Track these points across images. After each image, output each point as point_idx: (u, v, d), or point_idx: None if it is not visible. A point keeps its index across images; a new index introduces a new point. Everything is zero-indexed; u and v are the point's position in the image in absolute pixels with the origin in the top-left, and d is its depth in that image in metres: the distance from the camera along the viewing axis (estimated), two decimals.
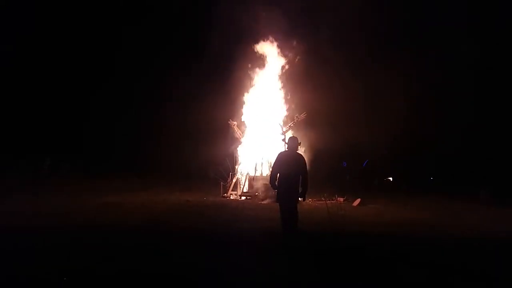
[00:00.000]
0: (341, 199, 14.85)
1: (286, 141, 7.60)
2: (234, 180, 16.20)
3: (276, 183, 7.21)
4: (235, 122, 17.07)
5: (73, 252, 6.57)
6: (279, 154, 7.37)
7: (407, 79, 22.13)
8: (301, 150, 11.01)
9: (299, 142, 7.73)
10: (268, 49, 17.40)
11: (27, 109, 25.99)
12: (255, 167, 16.21)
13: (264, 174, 15.89)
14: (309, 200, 14.05)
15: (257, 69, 17.43)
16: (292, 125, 16.52)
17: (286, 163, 7.18)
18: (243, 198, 15.42)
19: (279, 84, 17.45)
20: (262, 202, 14.24)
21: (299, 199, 7.31)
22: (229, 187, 16.02)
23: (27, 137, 24.52)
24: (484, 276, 6.04)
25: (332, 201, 14.10)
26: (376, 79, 21.31)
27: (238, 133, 16.99)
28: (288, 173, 7.11)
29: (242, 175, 16.42)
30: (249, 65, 17.31)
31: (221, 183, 16.15)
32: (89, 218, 9.92)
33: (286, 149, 7.54)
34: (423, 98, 23.34)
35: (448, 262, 6.72)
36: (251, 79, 17.38)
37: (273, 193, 7.57)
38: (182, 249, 7.01)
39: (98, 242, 7.37)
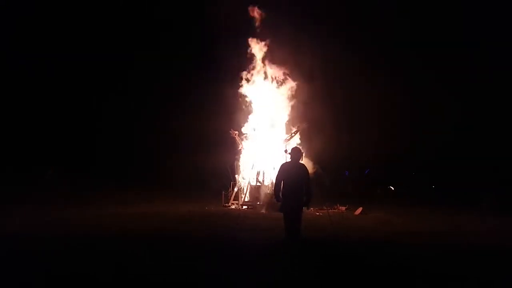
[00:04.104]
0: (343, 208, 14.85)
1: (288, 151, 7.66)
2: (235, 190, 16.20)
3: (280, 194, 7.25)
4: (236, 132, 17.11)
5: (77, 260, 6.63)
6: (282, 165, 7.43)
7: (409, 88, 22.30)
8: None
9: (302, 152, 7.80)
10: (269, 56, 17.50)
11: (33, 119, 26.20)
12: (257, 177, 16.22)
13: (266, 184, 15.89)
14: (311, 210, 14.04)
15: (258, 77, 17.50)
16: (293, 135, 16.57)
17: (290, 174, 7.23)
18: (244, 207, 15.42)
19: (280, 93, 17.50)
20: (264, 212, 14.23)
21: (303, 208, 7.35)
22: (231, 196, 16.02)
23: (32, 149, 24.67)
24: (483, 285, 6.04)
25: (334, 210, 14.10)
26: (378, 88, 21.42)
27: (239, 142, 17.03)
28: (291, 183, 7.16)
29: (243, 184, 16.42)
30: (251, 74, 17.41)
31: (223, 192, 16.15)
32: (92, 228, 9.93)
33: (289, 159, 7.60)
34: (424, 107, 23.44)
35: (448, 271, 6.71)
36: (252, 87, 17.46)
37: (275, 202, 7.66)
38: (183, 257, 7.04)
39: (100, 250, 7.44)
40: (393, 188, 23.47)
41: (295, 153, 7.49)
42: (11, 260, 6.63)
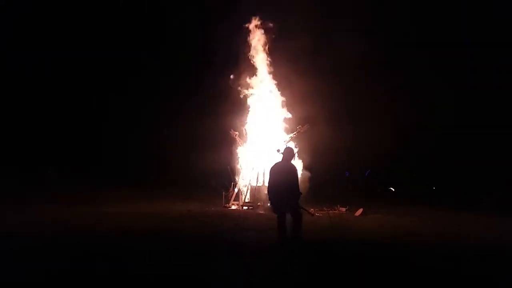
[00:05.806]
0: (343, 209, 14.83)
1: (280, 150, 7.68)
2: (236, 190, 16.17)
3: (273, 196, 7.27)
4: (237, 132, 17.07)
5: (76, 259, 6.65)
6: (272, 168, 7.45)
7: (409, 88, 22.30)
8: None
9: (294, 153, 7.82)
10: (267, 57, 17.45)
11: (33, 118, 26.24)
12: (257, 177, 16.19)
13: (266, 184, 15.84)
14: (311, 210, 14.03)
15: (258, 78, 17.46)
16: (294, 136, 16.53)
17: (280, 174, 7.25)
18: (245, 208, 15.40)
19: (280, 93, 17.46)
20: (263, 212, 14.21)
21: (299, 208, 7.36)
22: (231, 197, 15.99)
23: (32, 149, 24.71)
24: (483, 286, 6.04)
25: (334, 211, 14.08)
26: (378, 88, 21.42)
27: (240, 142, 17.00)
28: (281, 183, 7.17)
29: (244, 185, 16.39)
30: (250, 74, 17.36)
31: (223, 193, 16.12)
32: (92, 227, 9.90)
33: (281, 160, 7.60)
34: (425, 107, 23.42)
35: (448, 272, 6.71)
36: (252, 88, 17.42)
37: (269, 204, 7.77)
38: (183, 257, 7.04)
39: (100, 249, 7.47)
40: (393, 189, 23.46)
41: (288, 153, 7.51)
42: (10, 259, 6.63)
